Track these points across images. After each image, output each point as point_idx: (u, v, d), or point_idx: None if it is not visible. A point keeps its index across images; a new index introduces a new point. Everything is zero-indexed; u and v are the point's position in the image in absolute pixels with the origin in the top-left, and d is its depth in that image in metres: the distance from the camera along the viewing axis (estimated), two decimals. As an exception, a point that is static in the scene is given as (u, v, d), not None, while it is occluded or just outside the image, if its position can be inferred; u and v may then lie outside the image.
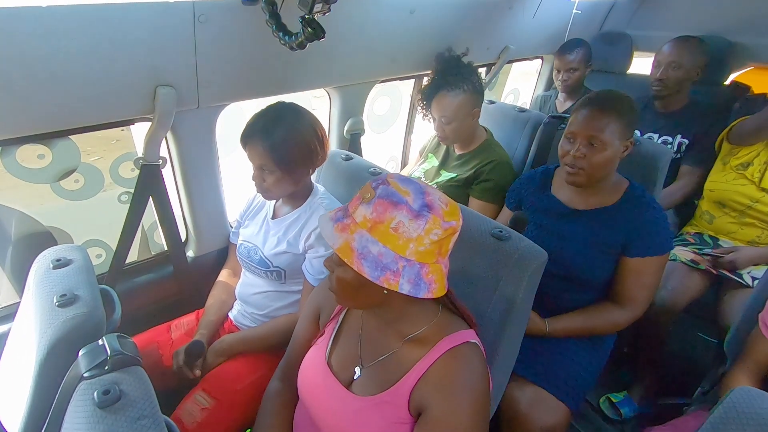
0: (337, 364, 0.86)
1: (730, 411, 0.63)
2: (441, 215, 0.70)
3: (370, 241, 0.68)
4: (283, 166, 1.11)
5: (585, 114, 1.16)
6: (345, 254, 0.69)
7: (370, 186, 0.72)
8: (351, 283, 0.73)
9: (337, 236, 0.70)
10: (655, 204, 1.19)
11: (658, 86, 1.86)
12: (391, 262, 0.68)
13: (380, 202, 0.69)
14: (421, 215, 0.69)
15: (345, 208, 0.75)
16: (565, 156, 1.20)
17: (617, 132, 1.14)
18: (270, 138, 1.08)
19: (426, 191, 0.72)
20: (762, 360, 1.02)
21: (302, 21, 0.93)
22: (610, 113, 1.14)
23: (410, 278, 0.69)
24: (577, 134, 1.17)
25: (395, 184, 0.71)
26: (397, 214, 0.68)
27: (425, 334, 0.79)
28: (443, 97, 1.59)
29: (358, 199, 0.73)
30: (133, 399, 0.57)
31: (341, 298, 0.79)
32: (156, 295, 1.46)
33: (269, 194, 1.18)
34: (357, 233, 0.69)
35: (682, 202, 1.85)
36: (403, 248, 0.69)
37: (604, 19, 2.54)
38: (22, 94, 0.93)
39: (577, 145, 1.17)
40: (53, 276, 0.79)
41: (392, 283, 0.68)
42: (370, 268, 0.68)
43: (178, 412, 1.06)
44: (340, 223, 0.71)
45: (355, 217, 0.71)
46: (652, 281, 1.19)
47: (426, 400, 0.73)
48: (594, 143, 1.15)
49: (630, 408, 1.62)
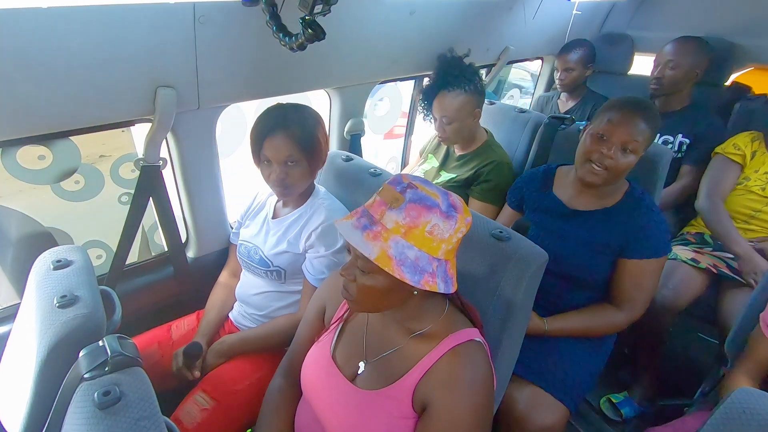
0: (341, 359, 0.87)
1: (731, 412, 0.62)
2: (463, 213, 0.73)
3: (406, 247, 0.69)
4: (310, 155, 1.11)
5: (626, 117, 1.14)
6: (384, 263, 0.68)
7: (394, 190, 0.71)
8: (380, 289, 0.73)
9: (371, 245, 0.68)
10: (654, 207, 1.19)
11: (655, 85, 1.88)
12: (426, 265, 0.70)
13: (413, 207, 0.69)
14: (451, 216, 0.71)
15: (367, 214, 0.72)
16: (593, 153, 1.18)
17: (647, 141, 1.16)
18: (295, 127, 1.08)
19: (447, 192, 0.74)
20: (763, 360, 1.02)
21: (302, 22, 0.93)
22: (649, 122, 1.14)
23: (443, 277, 0.71)
24: (614, 136, 1.15)
25: (422, 187, 0.72)
26: (432, 218, 0.69)
27: (431, 331, 0.80)
28: (445, 96, 1.59)
29: (381, 204, 0.71)
30: (133, 400, 0.57)
31: (362, 305, 0.78)
32: (156, 296, 1.46)
33: (291, 190, 1.15)
34: (391, 240, 0.69)
35: (682, 201, 1.85)
36: (436, 249, 0.70)
37: (604, 20, 2.55)
38: (23, 95, 0.93)
39: (612, 147, 1.15)
40: (53, 277, 0.78)
41: (431, 284, 0.70)
42: (410, 273, 0.68)
43: (178, 412, 1.06)
44: (370, 231, 0.70)
45: (384, 224, 0.70)
46: (649, 283, 1.19)
47: (430, 395, 0.74)
48: (628, 147, 1.14)
49: (630, 408, 1.62)
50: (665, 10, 2.37)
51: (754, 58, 2.12)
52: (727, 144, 1.71)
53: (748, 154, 1.66)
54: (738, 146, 1.68)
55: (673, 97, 1.89)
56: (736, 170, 1.68)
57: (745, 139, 1.69)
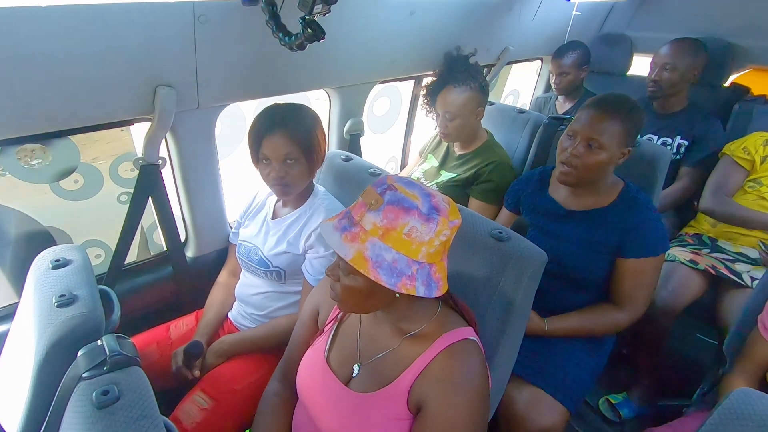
0: (335, 362, 0.87)
1: (729, 412, 0.62)
2: (447, 216, 0.71)
3: (383, 249, 0.68)
4: (308, 153, 1.11)
5: (589, 114, 1.16)
6: (359, 264, 0.67)
7: (375, 191, 0.71)
8: (361, 290, 0.73)
9: (347, 247, 0.68)
10: (649, 205, 1.19)
11: (652, 87, 1.87)
12: (405, 267, 0.69)
13: (390, 209, 0.69)
14: (431, 218, 0.69)
15: (349, 215, 0.73)
16: (562, 153, 1.21)
17: (617, 137, 1.14)
18: (293, 126, 1.09)
19: (430, 193, 0.72)
20: (761, 362, 1.02)
21: (302, 22, 0.93)
22: (614, 117, 1.14)
23: (423, 280, 0.70)
24: (578, 133, 1.18)
25: (402, 189, 0.71)
26: (409, 220, 0.68)
27: (425, 331, 0.79)
28: (450, 91, 1.59)
29: (362, 205, 0.71)
30: (131, 399, 0.57)
31: (347, 305, 0.78)
32: (155, 296, 1.46)
33: (290, 189, 1.15)
34: (369, 242, 0.68)
35: (681, 203, 1.86)
36: (416, 252, 0.69)
37: (604, 21, 2.55)
38: (22, 94, 0.93)
39: (576, 144, 1.17)
40: (52, 276, 0.78)
41: (409, 287, 0.68)
42: (386, 275, 0.67)
43: (177, 412, 1.06)
44: (348, 233, 0.70)
45: (363, 225, 0.69)
46: (648, 282, 1.19)
47: (425, 395, 0.74)
48: (592, 144, 1.15)
49: (629, 409, 1.62)
50: (664, 10, 2.38)
51: (753, 59, 2.13)
52: (737, 146, 1.69)
53: (758, 159, 1.63)
54: (748, 150, 1.65)
55: (671, 99, 1.89)
56: (743, 174, 1.66)
57: (756, 141, 1.65)
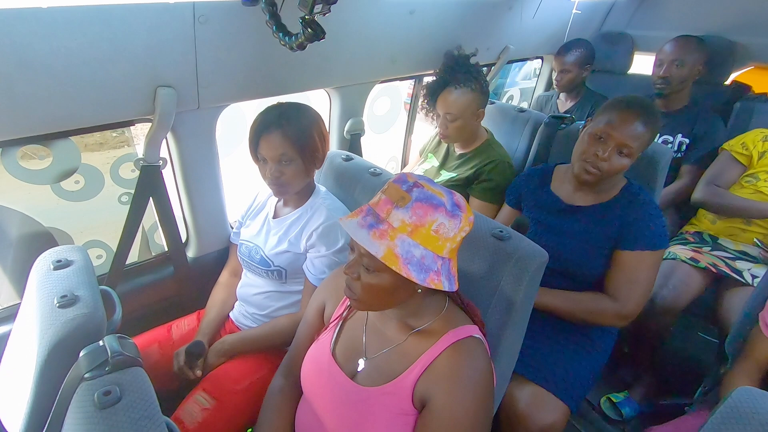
0: (341, 356, 0.87)
1: (731, 411, 0.62)
2: (466, 212, 0.74)
3: (412, 245, 0.69)
4: (304, 153, 1.11)
5: (625, 120, 1.13)
6: (391, 261, 0.68)
7: (400, 188, 0.72)
8: (386, 288, 0.74)
9: (377, 244, 0.69)
10: (650, 201, 1.19)
11: (662, 84, 1.86)
12: (431, 263, 0.70)
13: (419, 206, 0.70)
14: (455, 215, 0.72)
15: (373, 212, 0.73)
16: (589, 154, 1.18)
17: (644, 146, 1.15)
18: (289, 125, 1.08)
19: (451, 191, 0.75)
20: (762, 360, 1.02)
21: (302, 22, 0.93)
22: (648, 125, 1.13)
23: (447, 275, 0.72)
24: (612, 138, 1.14)
25: (428, 186, 0.72)
26: (438, 216, 0.70)
27: (431, 328, 0.80)
28: (451, 93, 1.58)
29: (387, 202, 0.72)
30: (133, 400, 0.57)
31: (366, 303, 0.78)
32: (156, 296, 1.46)
33: (286, 189, 1.15)
34: (398, 238, 0.69)
35: (682, 201, 1.85)
36: (441, 248, 0.71)
37: (604, 20, 2.55)
38: (23, 96, 0.93)
39: (608, 150, 1.14)
40: (54, 277, 0.78)
41: (436, 282, 0.70)
42: (416, 271, 0.69)
43: (179, 412, 1.06)
44: (376, 230, 0.70)
45: (391, 222, 0.70)
46: (643, 277, 1.17)
47: (430, 391, 0.74)
48: (623, 151, 1.14)
49: (631, 408, 1.62)
50: (665, 9, 2.37)
51: (755, 57, 2.12)
52: (736, 142, 1.69)
53: (756, 154, 1.64)
54: (746, 146, 1.66)
55: (674, 97, 1.89)
56: (739, 169, 1.67)
57: (755, 137, 1.66)
